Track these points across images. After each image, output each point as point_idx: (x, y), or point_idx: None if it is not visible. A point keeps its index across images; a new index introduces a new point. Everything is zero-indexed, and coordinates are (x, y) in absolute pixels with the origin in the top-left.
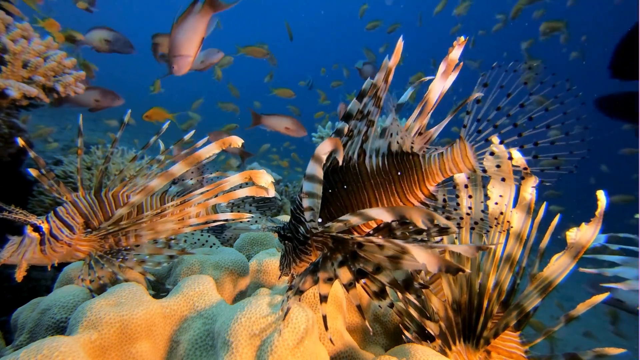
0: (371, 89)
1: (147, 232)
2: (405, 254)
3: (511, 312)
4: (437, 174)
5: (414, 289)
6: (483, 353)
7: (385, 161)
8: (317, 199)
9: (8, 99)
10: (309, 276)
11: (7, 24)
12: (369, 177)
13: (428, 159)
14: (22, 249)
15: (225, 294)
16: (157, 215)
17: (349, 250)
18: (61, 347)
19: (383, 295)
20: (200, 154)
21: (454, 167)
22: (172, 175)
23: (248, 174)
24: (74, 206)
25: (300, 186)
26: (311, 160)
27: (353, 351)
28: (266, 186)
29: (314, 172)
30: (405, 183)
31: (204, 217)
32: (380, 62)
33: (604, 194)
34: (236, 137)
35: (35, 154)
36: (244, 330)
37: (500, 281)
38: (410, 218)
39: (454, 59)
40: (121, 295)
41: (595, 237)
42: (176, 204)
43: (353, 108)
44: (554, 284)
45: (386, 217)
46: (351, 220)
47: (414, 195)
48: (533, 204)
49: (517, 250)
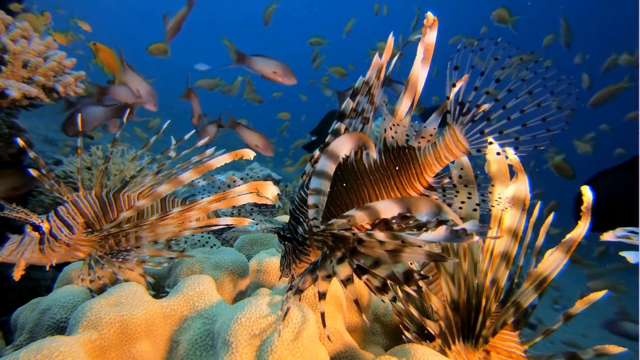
0: (363, 87)
1: (147, 235)
2: (406, 247)
3: (508, 310)
4: (434, 164)
5: (414, 281)
6: (482, 352)
7: (383, 157)
8: (323, 196)
9: (8, 99)
10: (308, 275)
11: (7, 24)
12: (368, 174)
13: (423, 150)
14: (21, 248)
15: (225, 294)
16: (160, 219)
17: (349, 247)
18: (61, 347)
19: (385, 290)
20: (211, 164)
21: (448, 154)
22: (181, 183)
23: (255, 186)
24: (75, 206)
25: (299, 185)
26: (324, 156)
27: (353, 351)
28: (271, 198)
29: (325, 169)
30: (404, 177)
31: (204, 220)
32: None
33: (589, 189)
34: (249, 150)
35: (35, 154)
36: (244, 330)
37: (497, 279)
38: (417, 209)
39: (430, 42)
40: (121, 295)
41: (585, 232)
42: (179, 210)
43: (347, 107)
44: (549, 280)
45: (394, 209)
46: (356, 216)
47: (414, 188)
48: (528, 201)
49: (513, 248)
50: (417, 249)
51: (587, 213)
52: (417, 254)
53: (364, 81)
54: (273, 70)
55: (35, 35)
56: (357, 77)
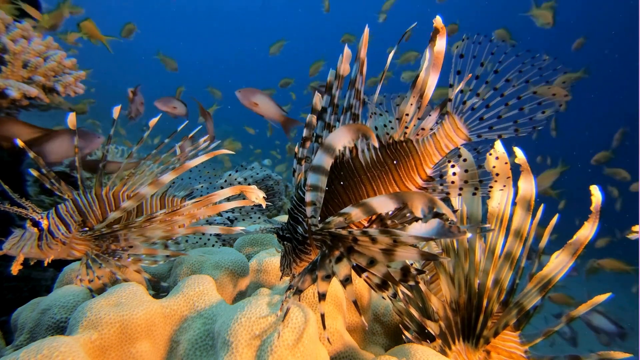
0: (340, 80)
1: (135, 237)
2: (399, 246)
3: (511, 311)
4: (434, 154)
5: (412, 276)
6: (483, 353)
7: (379, 152)
8: (321, 192)
9: (8, 99)
10: (307, 275)
11: (7, 24)
12: (365, 171)
13: (422, 141)
14: (22, 243)
15: (225, 294)
16: (148, 220)
17: (346, 246)
18: (61, 347)
19: (385, 287)
20: (188, 165)
21: (448, 142)
22: (161, 184)
23: (239, 189)
24: (74, 204)
25: (296, 185)
26: (320, 150)
27: (353, 351)
28: (257, 201)
29: (321, 163)
30: (403, 170)
31: (190, 228)
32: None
33: (598, 189)
34: (226, 150)
35: (35, 154)
36: (244, 330)
37: (499, 280)
38: (412, 204)
39: (440, 50)
40: (121, 295)
41: (593, 233)
42: (166, 212)
43: (319, 102)
44: (554, 282)
45: (389, 204)
46: (352, 213)
47: (412, 181)
48: (533, 202)
49: (516, 248)
50: (410, 248)
51: (595, 214)
52: (410, 253)
53: (334, 73)
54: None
55: (35, 35)
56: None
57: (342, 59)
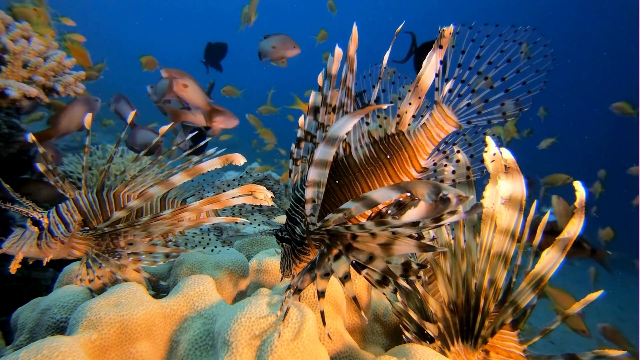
0: (332, 79)
1: (140, 234)
2: (396, 239)
3: (507, 310)
4: (427, 144)
5: (413, 271)
6: (482, 353)
7: (372, 148)
8: (321, 188)
9: (8, 99)
10: (306, 274)
11: (7, 24)
12: (359, 168)
13: (414, 133)
14: (21, 241)
15: (225, 294)
16: (153, 219)
17: (345, 243)
18: (61, 347)
19: (385, 282)
20: (202, 167)
21: (439, 130)
22: (172, 185)
23: (248, 189)
24: (75, 204)
25: (293, 186)
26: (323, 143)
27: (353, 351)
28: (265, 201)
29: (324, 157)
30: (397, 164)
31: (195, 220)
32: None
33: (581, 185)
34: (239, 155)
35: (44, 149)
36: (244, 330)
37: (495, 279)
38: (417, 191)
39: (442, 53)
40: (121, 295)
41: (580, 229)
42: (172, 211)
43: (315, 100)
44: (546, 279)
45: (391, 195)
46: (352, 208)
47: (407, 173)
48: (524, 201)
49: (510, 247)
50: (407, 239)
51: (580, 209)
52: (408, 245)
53: (325, 72)
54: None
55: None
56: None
57: (332, 59)
